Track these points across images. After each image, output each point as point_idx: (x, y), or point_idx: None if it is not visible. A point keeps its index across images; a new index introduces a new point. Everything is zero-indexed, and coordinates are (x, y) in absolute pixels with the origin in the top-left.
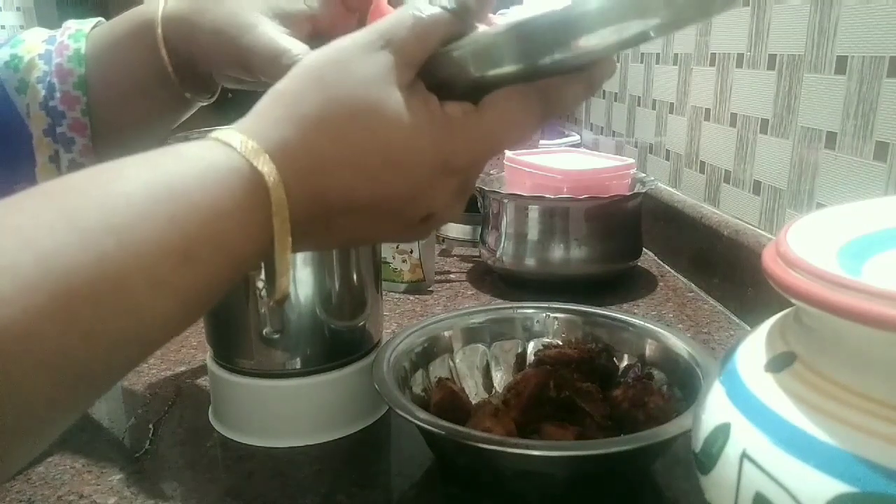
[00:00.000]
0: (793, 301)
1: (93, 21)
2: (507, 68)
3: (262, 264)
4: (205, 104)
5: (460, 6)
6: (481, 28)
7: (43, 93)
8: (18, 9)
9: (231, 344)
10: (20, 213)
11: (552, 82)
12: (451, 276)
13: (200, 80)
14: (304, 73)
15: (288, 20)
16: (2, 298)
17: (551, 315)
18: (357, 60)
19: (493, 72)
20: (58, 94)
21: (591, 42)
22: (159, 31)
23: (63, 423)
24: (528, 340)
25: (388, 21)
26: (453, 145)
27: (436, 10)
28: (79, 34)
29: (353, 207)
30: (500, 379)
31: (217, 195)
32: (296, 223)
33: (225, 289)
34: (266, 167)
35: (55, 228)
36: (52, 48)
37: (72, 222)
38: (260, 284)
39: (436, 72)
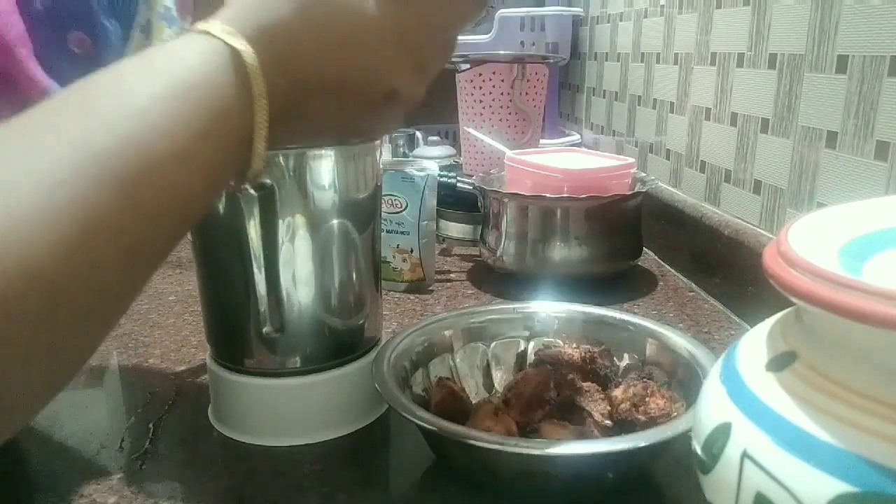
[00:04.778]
0: (793, 300)
1: None
2: None
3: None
4: None
5: None
6: None
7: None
8: None
9: (231, 343)
10: (45, 113)
11: None
12: (452, 275)
13: None
14: None
15: None
16: (62, 182)
17: (551, 315)
18: None
19: None
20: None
21: None
22: None
23: (129, 295)
24: (528, 340)
25: None
26: (408, 19)
27: None
28: None
29: (324, 87)
30: (500, 379)
31: (211, 77)
32: (273, 105)
33: (233, 170)
34: (241, 45)
35: (78, 119)
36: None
37: (94, 113)
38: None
39: None
